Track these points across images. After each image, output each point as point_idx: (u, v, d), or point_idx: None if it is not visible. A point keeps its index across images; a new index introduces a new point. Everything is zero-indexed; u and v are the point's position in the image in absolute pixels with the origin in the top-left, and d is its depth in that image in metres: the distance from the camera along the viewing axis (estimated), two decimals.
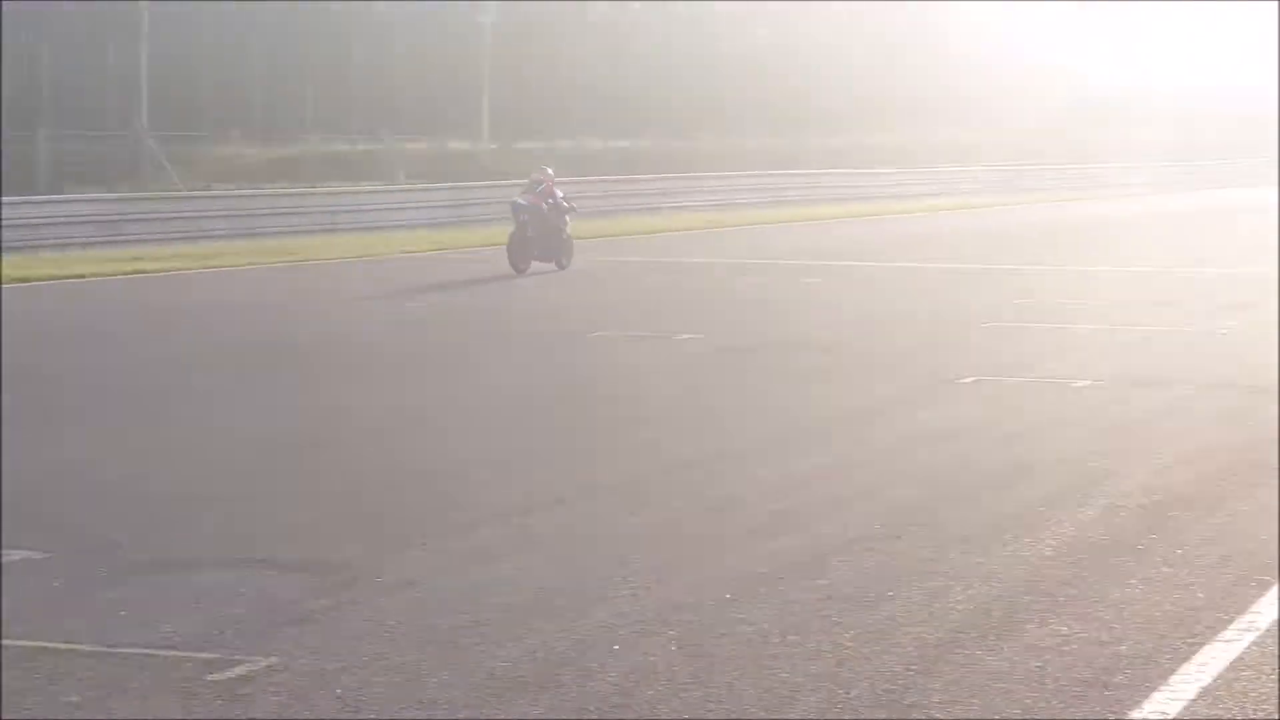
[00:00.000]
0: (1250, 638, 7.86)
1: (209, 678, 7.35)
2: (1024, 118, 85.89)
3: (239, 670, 7.43)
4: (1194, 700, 7.08)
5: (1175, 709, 6.99)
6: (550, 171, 30.49)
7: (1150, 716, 6.91)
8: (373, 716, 6.94)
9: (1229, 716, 6.95)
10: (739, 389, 16.16)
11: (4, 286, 25.19)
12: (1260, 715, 6.95)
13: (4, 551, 9.40)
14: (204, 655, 7.63)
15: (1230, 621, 8.11)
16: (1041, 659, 7.56)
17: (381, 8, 72.25)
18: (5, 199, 32.94)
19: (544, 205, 29.24)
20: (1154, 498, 10.82)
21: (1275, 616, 8.22)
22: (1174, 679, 7.31)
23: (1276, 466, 11.66)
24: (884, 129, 77.72)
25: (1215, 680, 7.30)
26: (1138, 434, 13.26)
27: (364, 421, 14.36)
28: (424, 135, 64.60)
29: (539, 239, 29.13)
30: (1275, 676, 7.36)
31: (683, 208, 49.22)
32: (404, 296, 25.68)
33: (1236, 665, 7.49)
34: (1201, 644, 7.77)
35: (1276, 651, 7.64)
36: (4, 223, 31.74)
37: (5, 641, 7.77)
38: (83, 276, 28.11)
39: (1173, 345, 18.99)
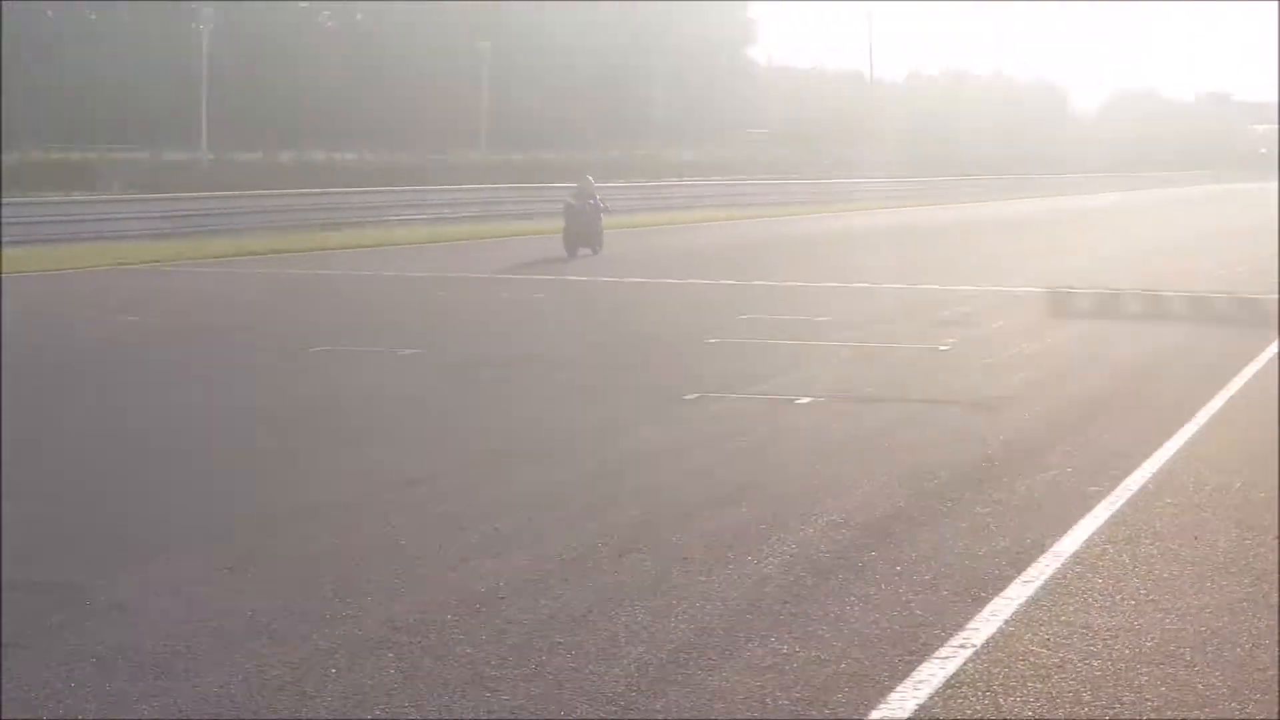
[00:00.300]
0: (966, 654, 7.95)
1: None
2: (760, 130, 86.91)
3: None
4: (910, 717, 7.14)
5: None
6: (590, 179, 38.83)
7: None
8: None
9: None
10: (462, 405, 16.04)
11: None
12: None
13: None
14: None
15: (947, 638, 8.19)
16: (762, 678, 7.57)
17: (94, 12, 70.83)
18: None
19: (587, 205, 37.27)
20: (874, 515, 10.92)
21: (994, 631, 8.36)
22: (892, 697, 7.37)
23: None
24: (609, 145, 78.17)
25: (931, 698, 7.37)
26: (859, 451, 13.39)
27: (68, 440, 13.98)
28: (140, 145, 63.54)
29: (583, 231, 37.03)
30: (990, 693, 7.46)
31: (407, 221, 48.98)
32: (118, 310, 25.12)
33: (953, 682, 7.57)
34: (919, 661, 7.84)
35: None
36: None
37: None
38: None
39: (894, 362, 19.24)
